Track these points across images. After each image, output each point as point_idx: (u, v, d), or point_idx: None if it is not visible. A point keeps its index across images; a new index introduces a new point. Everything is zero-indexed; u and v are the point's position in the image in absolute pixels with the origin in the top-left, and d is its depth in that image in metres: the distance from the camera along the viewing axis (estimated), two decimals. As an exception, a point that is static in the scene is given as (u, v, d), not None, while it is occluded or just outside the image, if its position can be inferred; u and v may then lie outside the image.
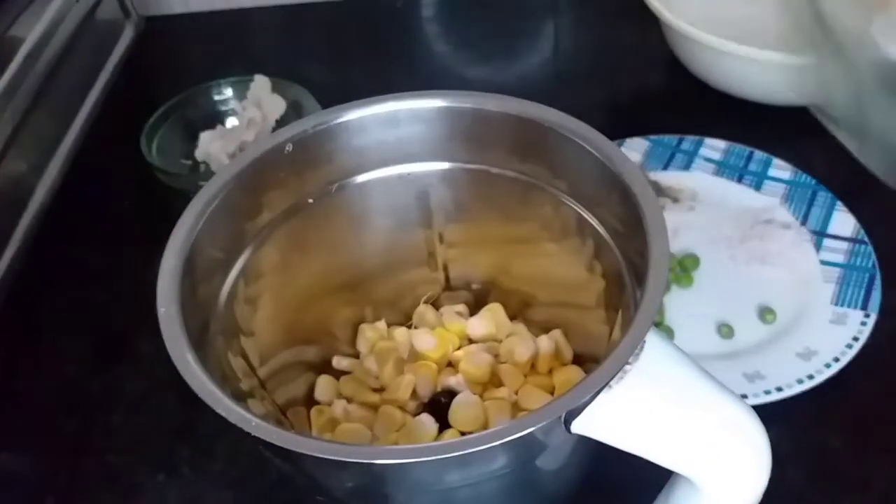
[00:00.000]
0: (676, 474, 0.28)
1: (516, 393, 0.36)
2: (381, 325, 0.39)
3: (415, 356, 0.37)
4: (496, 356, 0.37)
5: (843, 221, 0.47)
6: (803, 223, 0.47)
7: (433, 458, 0.24)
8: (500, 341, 0.38)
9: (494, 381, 0.36)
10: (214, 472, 0.40)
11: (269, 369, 0.34)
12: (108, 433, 0.42)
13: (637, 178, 0.29)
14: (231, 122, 0.58)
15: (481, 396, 0.35)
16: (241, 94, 0.57)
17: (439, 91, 0.33)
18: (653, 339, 0.26)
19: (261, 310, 0.33)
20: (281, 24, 0.72)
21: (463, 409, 0.34)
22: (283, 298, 0.35)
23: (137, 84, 0.66)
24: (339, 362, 0.38)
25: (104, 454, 0.41)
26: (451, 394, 0.36)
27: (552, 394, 0.36)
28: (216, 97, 0.58)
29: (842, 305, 0.43)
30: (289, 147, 0.32)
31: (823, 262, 0.45)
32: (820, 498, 0.37)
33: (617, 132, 0.50)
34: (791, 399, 0.39)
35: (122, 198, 0.55)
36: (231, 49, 0.70)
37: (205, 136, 0.55)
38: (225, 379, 0.29)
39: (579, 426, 0.25)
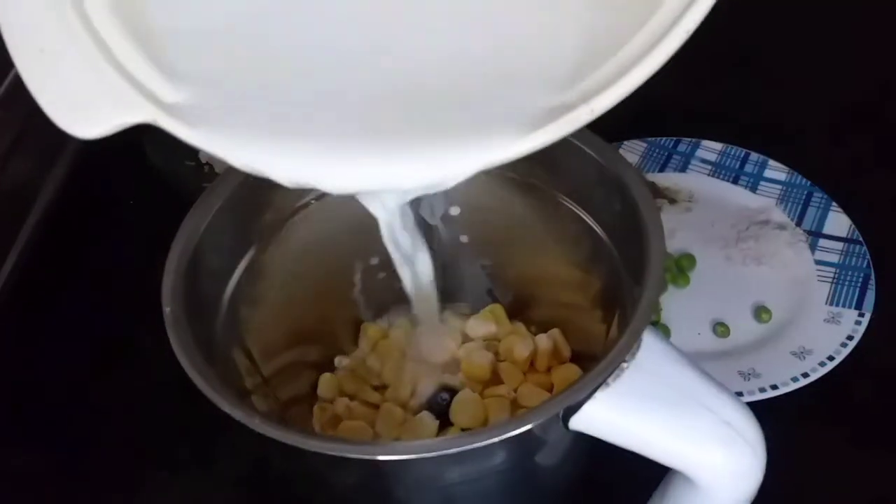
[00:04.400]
0: (673, 470, 0.28)
1: (515, 391, 0.36)
2: (383, 323, 0.40)
3: (416, 354, 0.38)
4: (496, 354, 0.38)
5: (838, 222, 0.47)
6: (798, 224, 0.48)
7: (434, 453, 0.24)
8: (500, 340, 0.38)
9: (494, 379, 0.37)
10: (218, 470, 0.40)
11: (273, 367, 0.34)
12: (112, 432, 0.42)
13: (634, 180, 0.30)
14: (234, 123, 0.58)
15: (481, 394, 0.36)
16: (243, 96, 0.57)
17: (439, 94, 0.33)
18: (649, 338, 0.26)
19: (264, 309, 0.33)
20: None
21: (463, 407, 0.35)
22: (286, 298, 0.35)
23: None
24: (341, 361, 0.38)
25: (107, 452, 0.41)
26: (451, 391, 0.36)
27: (551, 391, 0.36)
28: (219, 99, 0.58)
29: (836, 305, 0.43)
30: (292, 149, 0.33)
31: (818, 262, 0.45)
32: (814, 495, 0.37)
33: (614, 134, 0.50)
34: (786, 397, 0.39)
35: (126, 199, 0.56)
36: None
37: (208, 138, 0.55)
38: (229, 377, 0.30)
39: (577, 423, 0.26)
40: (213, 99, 0.23)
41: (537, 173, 0.34)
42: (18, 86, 0.54)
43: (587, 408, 0.25)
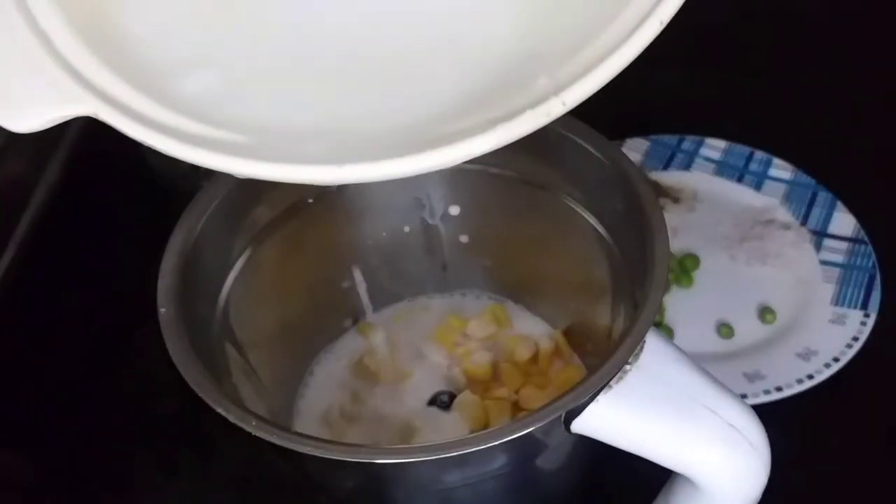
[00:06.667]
0: (676, 474, 0.28)
1: (517, 393, 0.36)
2: (381, 322, 0.39)
3: (415, 355, 0.37)
4: (497, 356, 0.37)
5: (843, 221, 0.47)
6: (803, 223, 0.47)
7: (433, 457, 0.24)
8: (501, 341, 0.38)
9: (495, 380, 0.37)
10: (215, 472, 0.40)
11: (270, 368, 0.34)
12: (108, 433, 0.42)
13: (637, 178, 0.30)
14: (232, 122, 0.58)
15: (482, 396, 0.35)
16: (241, 94, 0.57)
17: (440, 91, 0.33)
18: (653, 340, 0.26)
19: (261, 309, 0.33)
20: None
21: (464, 409, 0.35)
22: (283, 297, 0.35)
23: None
24: (339, 361, 0.38)
25: (104, 454, 0.41)
26: (452, 393, 0.36)
27: (552, 394, 0.36)
28: (217, 97, 0.58)
29: (841, 305, 0.43)
30: (289, 147, 0.32)
31: (823, 262, 0.45)
32: (818, 497, 0.37)
33: (617, 132, 0.50)
34: (791, 399, 0.39)
35: (122, 198, 0.55)
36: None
37: (206, 136, 0.55)
38: (225, 378, 0.29)
39: (579, 426, 0.25)
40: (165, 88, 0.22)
41: (538, 171, 0.34)
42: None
43: (589, 411, 0.25)
